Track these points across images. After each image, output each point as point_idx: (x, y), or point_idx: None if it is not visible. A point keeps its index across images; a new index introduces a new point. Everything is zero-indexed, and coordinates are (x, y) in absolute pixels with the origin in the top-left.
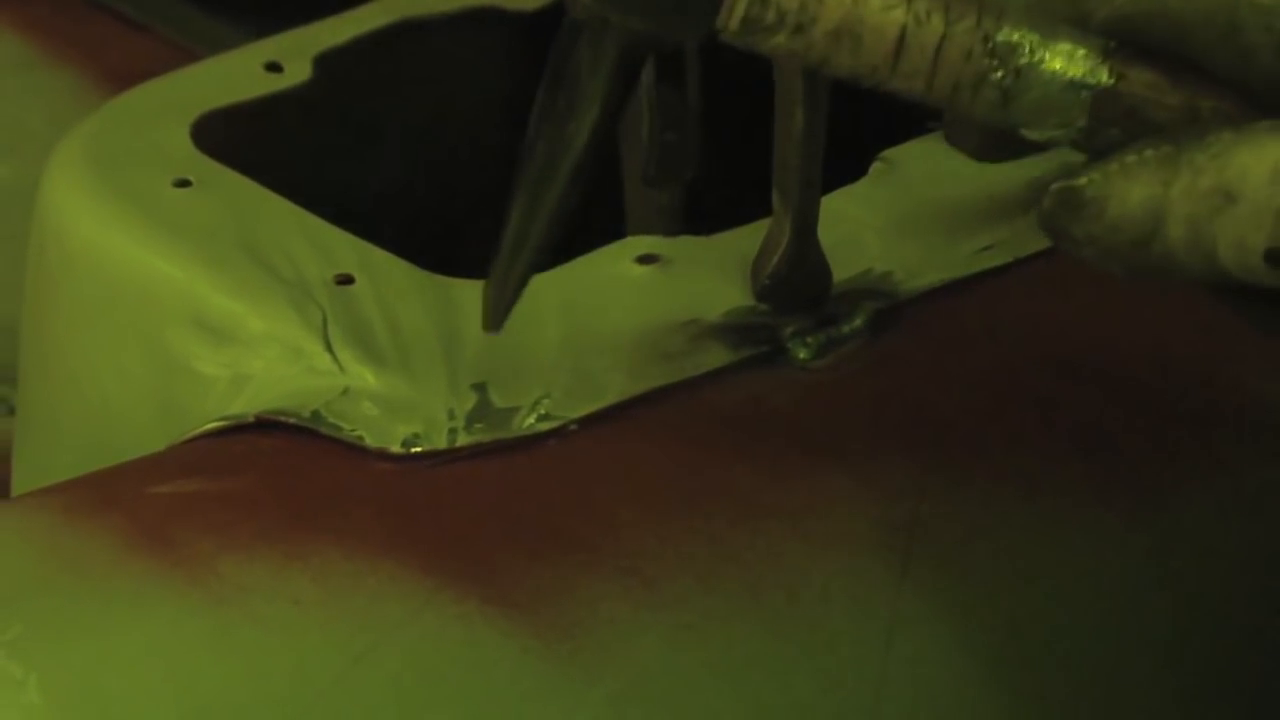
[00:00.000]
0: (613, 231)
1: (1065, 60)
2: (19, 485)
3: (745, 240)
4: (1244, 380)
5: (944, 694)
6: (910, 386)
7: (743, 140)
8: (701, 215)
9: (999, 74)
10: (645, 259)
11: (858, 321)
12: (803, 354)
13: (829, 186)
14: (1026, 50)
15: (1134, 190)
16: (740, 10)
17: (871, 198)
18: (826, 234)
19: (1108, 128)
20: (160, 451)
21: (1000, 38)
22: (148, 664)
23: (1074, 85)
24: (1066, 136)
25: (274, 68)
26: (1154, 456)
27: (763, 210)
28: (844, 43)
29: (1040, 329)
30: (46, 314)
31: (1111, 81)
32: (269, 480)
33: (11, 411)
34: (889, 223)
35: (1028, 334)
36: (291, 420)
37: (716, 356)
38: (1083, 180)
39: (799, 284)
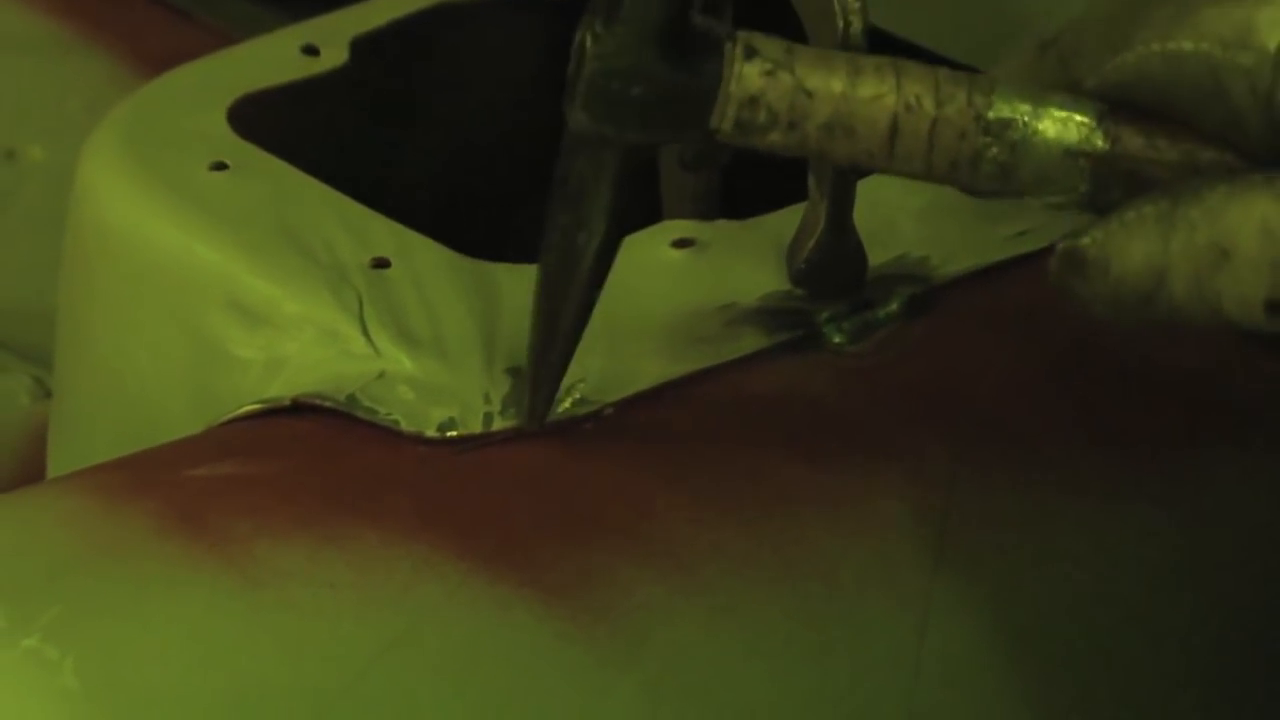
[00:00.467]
0: (649, 216)
1: (1060, 128)
2: (55, 468)
3: (781, 224)
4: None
5: (978, 680)
6: (945, 372)
7: None
8: (737, 200)
9: (994, 150)
10: (681, 243)
11: (893, 306)
12: (838, 339)
13: (864, 170)
14: (1020, 124)
15: (1135, 248)
16: (731, 114)
17: (907, 182)
18: (862, 218)
19: (1109, 190)
20: (196, 434)
21: (992, 115)
22: (183, 647)
23: (1071, 153)
24: (1070, 201)
25: (310, 51)
26: (1185, 442)
27: (798, 195)
28: (838, 135)
29: (1075, 315)
30: (82, 298)
31: (1107, 146)
32: (305, 464)
33: (48, 395)
34: (924, 207)
35: (1062, 319)
36: (327, 404)
37: (752, 341)
38: (1085, 240)
39: (834, 268)
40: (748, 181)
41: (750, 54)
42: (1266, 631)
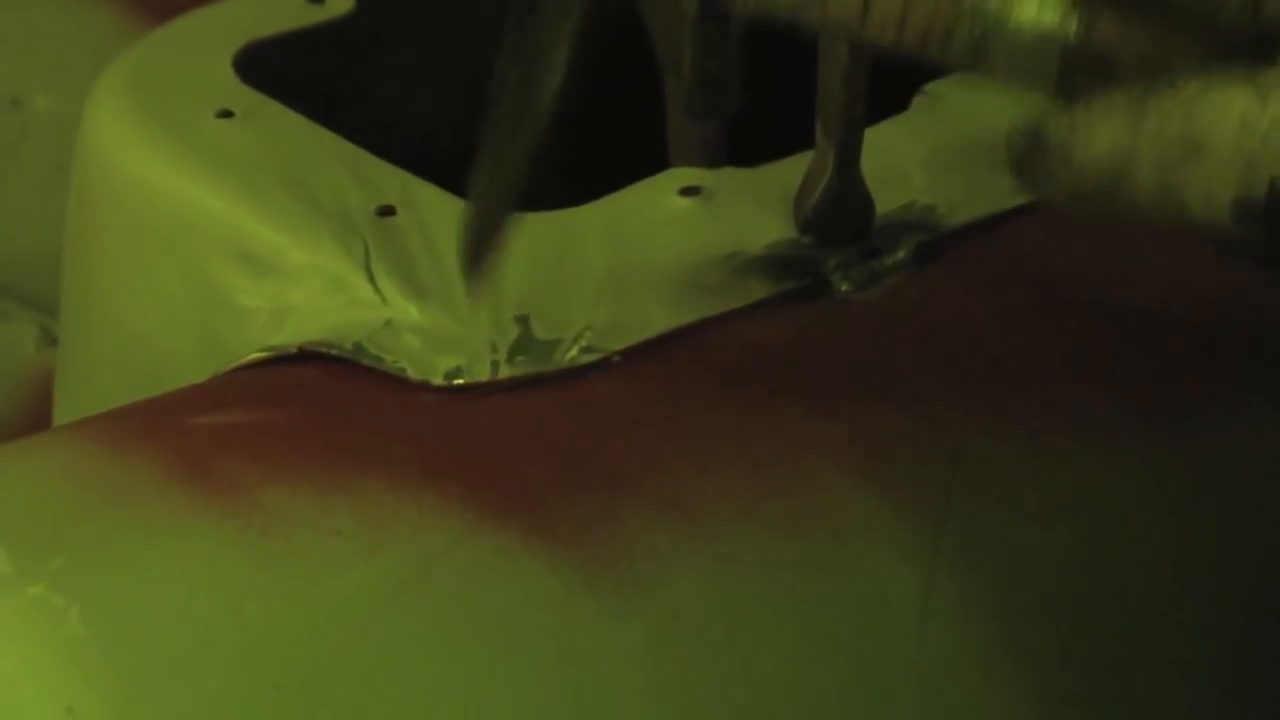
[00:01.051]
0: (655, 163)
1: (1035, 10)
2: (60, 416)
3: (788, 172)
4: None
5: (985, 629)
6: (953, 319)
7: (786, 70)
8: (744, 147)
9: (968, 25)
10: (688, 191)
11: (900, 254)
12: (845, 286)
13: (872, 119)
14: (994, 1)
15: (1101, 134)
16: None
17: (915, 130)
18: (870, 166)
19: (1079, 77)
20: (202, 382)
21: None
22: (189, 595)
23: (1043, 36)
24: (1040, 87)
25: None
26: (1193, 387)
27: (805, 142)
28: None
29: (1084, 262)
30: (88, 246)
31: (1081, 30)
32: (311, 412)
33: (53, 343)
34: (932, 155)
35: (1071, 267)
36: (334, 352)
37: (759, 289)
38: (1050, 122)
39: (842, 216)
40: (754, 129)
41: None
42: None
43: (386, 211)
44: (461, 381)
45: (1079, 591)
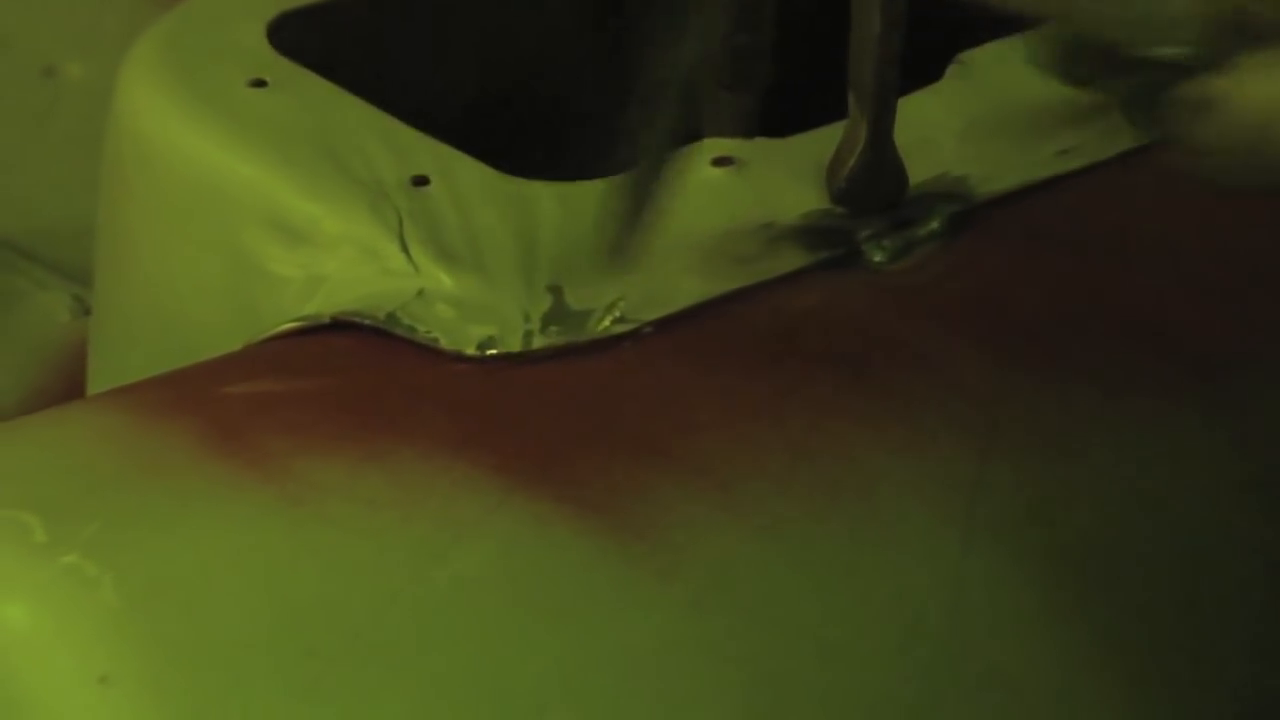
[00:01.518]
0: (689, 139)
1: None
2: (94, 385)
3: (821, 142)
4: None
5: (1022, 596)
6: (986, 289)
7: (819, 40)
8: (777, 117)
9: None
10: (721, 161)
11: (934, 224)
12: (878, 257)
13: (905, 89)
14: None
15: (1254, 90)
16: None
17: (948, 100)
18: (903, 136)
19: (1227, 45)
20: (236, 351)
21: None
22: (223, 563)
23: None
24: (1186, 55)
25: None
26: (1230, 354)
27: (838, 113)
28: None
29: (1116, 232)
30: (122, 215)
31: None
32: (344, 381)
33: (87, 312)
34: (966, 125)
35: (1104, 237)
36: (367, 322)
37: (792, 259)
38: (1202, 83)
39: (875, 187)
40: (787, 99)
41: None
42: None
43: (420, 181)
44: (494, 351)
45: (1116, 554)
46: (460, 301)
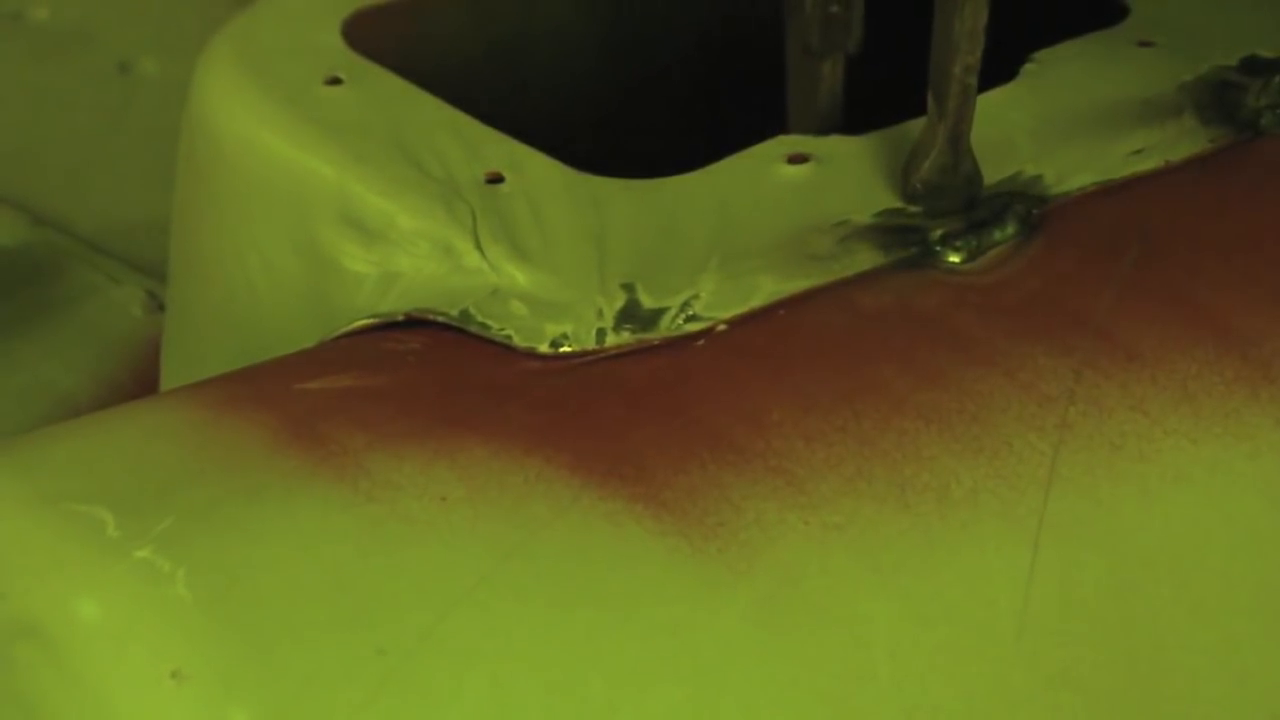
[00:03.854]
0: (777, 126)
1: None
2: (168, 380)
3: (896, 141)
4: None
5: (1092, 598)
6: (1061, 290)
7: (907, 15)
8: (860, 95)
9: None
10: (796, 159)
11: (1008, 225)
12: (953, 257)
13: (980, 87)
14: None
15: None
16: None
17: (1023, 99)
18: (977, 135)
19: None
20: (310, 348)
21: None
22: (296, 559)
23: None
24: None
25: None
26: None
27: (915, 110)
28: None
29: (1191, 232)
30: (197, 211)
31: None
32: (417, 378)
33: (161, 308)
34: (1040, 125)
35: (1178, 237)
36: (440, 319)
37: (866, 259)
38: None
39: (950, 187)
40: (871, 76)
41: None
42: None
43: (494, 179)
44: (567, 349)
45: (1185, 561)
46: (534, 299)
